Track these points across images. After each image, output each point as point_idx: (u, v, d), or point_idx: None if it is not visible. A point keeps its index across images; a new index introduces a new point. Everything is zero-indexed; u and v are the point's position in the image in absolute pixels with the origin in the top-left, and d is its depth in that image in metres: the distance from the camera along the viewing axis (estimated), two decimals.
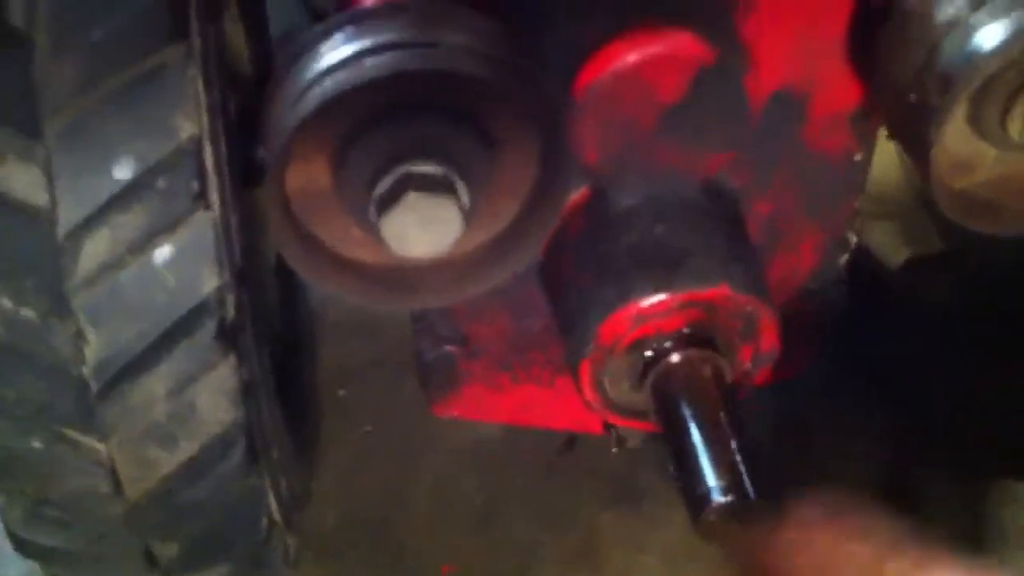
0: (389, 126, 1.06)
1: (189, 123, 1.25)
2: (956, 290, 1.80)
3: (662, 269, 1.31)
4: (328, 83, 1.02)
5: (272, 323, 1.74)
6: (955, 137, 1.24)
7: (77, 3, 1.25)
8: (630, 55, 1.30)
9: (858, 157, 1.46)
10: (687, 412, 1.29)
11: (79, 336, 1.23)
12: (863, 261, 1.65)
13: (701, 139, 1.36)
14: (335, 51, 1.05)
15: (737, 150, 1.39)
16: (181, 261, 1.25)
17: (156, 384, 1.25)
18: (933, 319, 1.82)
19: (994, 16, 1.16)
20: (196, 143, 1.26)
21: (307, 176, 1.11)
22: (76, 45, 1.24)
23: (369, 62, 1.02)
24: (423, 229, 1.04)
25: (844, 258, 1.55)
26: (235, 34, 1.86)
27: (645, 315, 1.29)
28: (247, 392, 1.32)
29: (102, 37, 1.26)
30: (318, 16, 2.49)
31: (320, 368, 2.03)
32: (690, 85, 1.32)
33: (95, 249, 1.22)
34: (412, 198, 1.03)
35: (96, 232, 1.22)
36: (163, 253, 1.25)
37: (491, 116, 1.10)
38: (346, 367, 2.06)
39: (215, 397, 1.29)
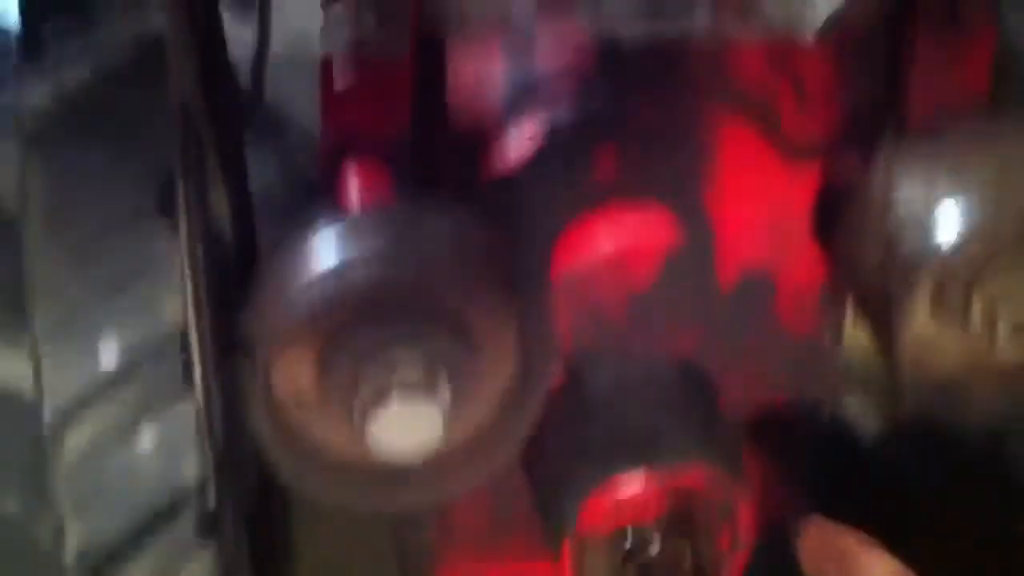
0: (373, 330, 1.10)
1: (175, 308, 1.28)
2: (931, 460, 1.81)
3: (640, 454, 1.32)
4: (315, 292, 1.05)
5: (251, 509, 1.73)
6: (920, 325, 1.27)
7: (69, 188, 1.29)
8: (603, 241, 1.34)
9: (828, 335, 1.49)
10: None
11: (60, 527, 1.23)
12: (838, 432, 1.67)
13: (673, 322, 1.40)
14: (321, 259, 1.09)
15: (708, 331, 1.42)
16: (164, 449, 1.26)
17: (135, 575, 1.24)
18: (909, 490, 1.82)
19: (951, 210, 1.21)
20: (182, 328, 1.28)
21: (292, 380, 1.13)
22: (67, 231, 1.27)
23: (356, 272, 1.06)
24: (407, 430, 1.06)
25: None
26: (217, 199, 1.90)
27: (623, 502, 1.30)
28: None
29: (93, 224, 1.29)
30: (298, 174, 2.57)
31: (300, 558, 2.01)
32: (662, 269, 1.36)
33: (79, 439, 1.23)
34: (396, 401, 1.06)
35: (81, 422, 1.24)
36: (146, 441, 1.26)
37: (473, 318, 1.13)
38: (327, 557, 2.04)
39: None
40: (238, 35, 2.14)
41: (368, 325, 1.09)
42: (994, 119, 1.30)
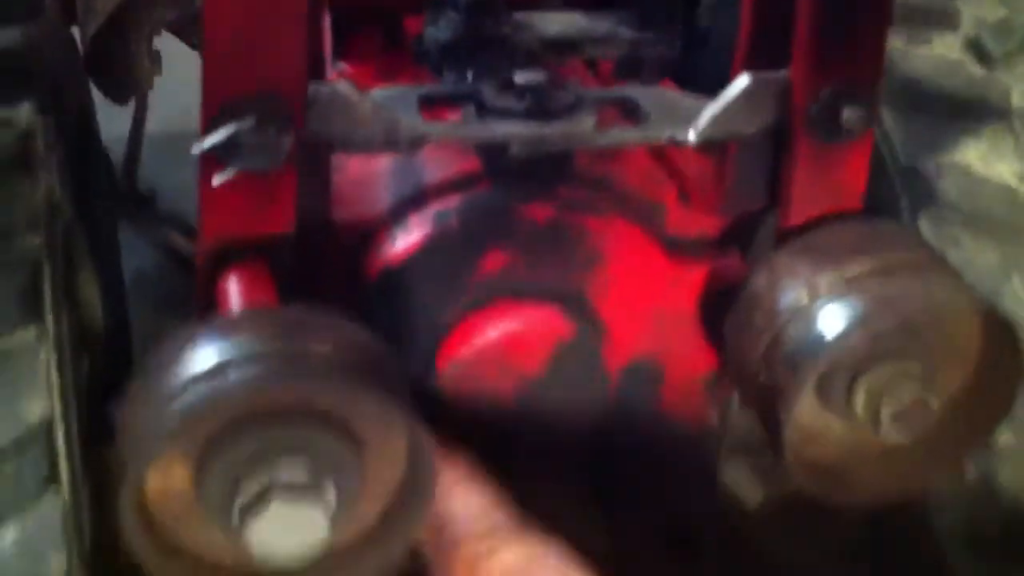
0: (253, 431, 1.05)
1: (39, 406, 1.22)
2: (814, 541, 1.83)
3: None
4: (190, 395, 1.00)
5: None
6: (805, 412, 1.29)
7: None
8: (490, 331, 1.33)
9: (714, 420, 1.50)
10: None
11: None
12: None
13: (562, 409, 1.38)
14: (199, 360, 1.04)
15: (597, 418, 1.41)
16: (27, 546, 1.19)
17: None
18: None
19: (833, 306, 1.23)
20: (47, 426, 1.22)
21: (167, 481, 1.08)
22: None
23: (233, 374, 1.01)
24: (289, 535, 1.02)
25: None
26: (88, 287, 1.84)
27: None
28: None
29: None
30: (179, 259, 2.51)
31: None
32: (550, 358, 1.35)
33: None
34: (277, 505, 1.01)
35: None
36: (9, 538, 1.19)
37: (357, 421, 1.10)
38: None
39: None
40: (112, 116, 2.12)
41: (248, 428, 1.04)
42: (870, 220, 1.34)
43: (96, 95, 1.92)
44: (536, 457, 1.39)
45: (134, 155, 2.35)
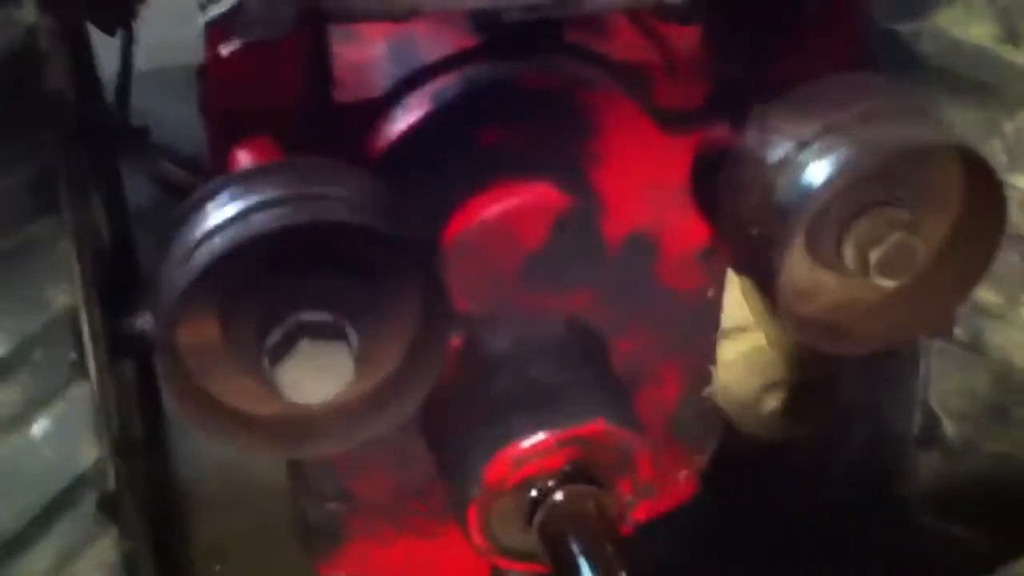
0: (277, 278, 1.10)
1: (63, 295, 1.27)
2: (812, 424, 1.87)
3: (539, 409, 1.35)
4: (216, 241, 1.05)
5: (145, 500, 1.71)
6: (796, 266, 1.33)
7: None
8: (492, 207, 1.37)
9: (710, 293, 1.54)
10: (575, 548, 1.32)
11: None
12: None
13: (563, 281, 1.43)
14: (221, 210, 1.08)
15: (597, 290, 1.46)
16: (60, 433, 1.24)
17: (38, 560, 1.22)
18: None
19: (819, 155, 1.28)
20: (72, 314, 1.26)
21: (198, 331, 1.12)
22: None
23: (256, 218, 1.06)
24: (316, 375, 1.07)
25: (707, 390, 1.62)
26: (96, 210, 1.88)
27: (526, 455, 1.33)
28: (128, 565, 1.30)
29: None
30: (176, 191, 2.54)
31: (194, 544, 1.99)
32: (550, 231, 1.39)
33: None
34: (305, 346, 1.06)
35: None
36: (42, 426, 1.24)
37: (375, 264, 1.14)
38: (221, 543, 2.02)
39: (97, 571, 1.26)
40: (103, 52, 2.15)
41: (271, 271, 1.09)
42: (854, 74, 1.38)
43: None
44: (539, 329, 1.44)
45: (125, 86, 2.38)
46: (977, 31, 1.54)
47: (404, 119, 1.34)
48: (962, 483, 1.64)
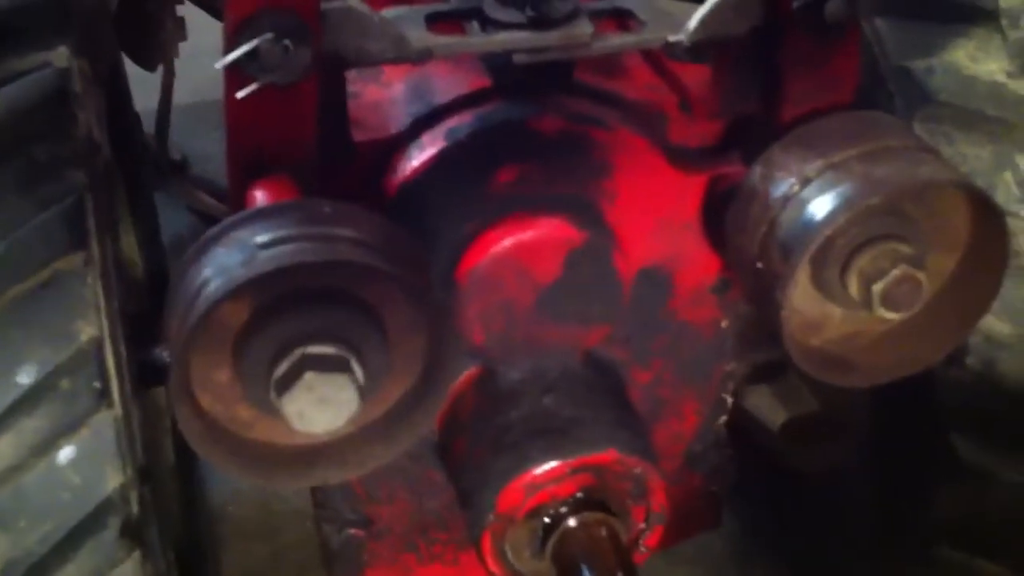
0: (285, 313, 1.14)
1: (89, 326, 1.31)
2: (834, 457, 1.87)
3: (552, 438, 1.38)
4: (226, 277, 1.09)
5: (173, 525, 1.75)
6: (802, 299, 1.35)
7: None
8: (506, 240, 1.40)
9: (724, 324, 1.57)
10: (588, 574, 1.34)
11: None
12: (744, 426, 1.74)
13: (578, 315, 1.45)
14: (232, 247, 1.13)
15: (612, 324, 1.49)
16: (85, 460, 1.28)
17: None
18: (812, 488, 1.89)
19: (821, 191, 1.30)
20: (97, 345, 1.31)
21: (209, 364, 1.16)
22: None
23: (265, 255, 1.10)
24: (321, 406, 1.10)
25: (723, 419, 1.64)
26: (128, 243, 1.94)
27: (539, 483, 1.35)
28: None
29: (4, 249, 1.32)
30: (209, 222, 2.59)
31: (225, 569, 2.03)
32: (563, 265, 1.42)
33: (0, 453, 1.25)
34: (310, 377, 1.10)
35: (1, 437, 1.25)
36: (67, 453, 1.27)
37: (381, 301, 1.18)
38: (248, 568, 2.06)
39: None
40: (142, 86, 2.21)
41: (279, 306, 1.13)
42: (859, 112, 1.40)
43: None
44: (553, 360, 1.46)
45: (164, 120, 2.43)
46: (990, 67, 1.55)
47: (419, 156, 1.38)
48: (983, 515, 1.64)
